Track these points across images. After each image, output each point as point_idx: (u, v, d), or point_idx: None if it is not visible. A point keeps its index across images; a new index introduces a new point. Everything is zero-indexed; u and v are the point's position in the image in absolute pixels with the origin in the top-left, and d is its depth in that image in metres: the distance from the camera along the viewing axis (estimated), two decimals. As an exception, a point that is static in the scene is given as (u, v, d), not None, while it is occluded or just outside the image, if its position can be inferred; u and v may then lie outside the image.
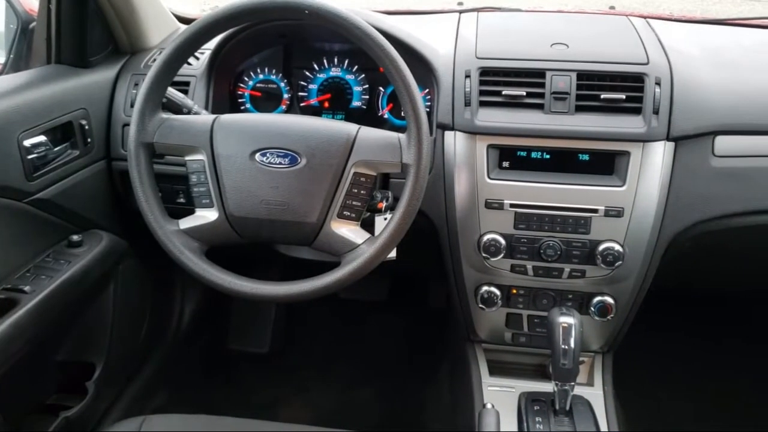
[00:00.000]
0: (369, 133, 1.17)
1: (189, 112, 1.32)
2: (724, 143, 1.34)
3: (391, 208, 1.19)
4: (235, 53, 1.53)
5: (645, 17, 1.61)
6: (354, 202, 1.16)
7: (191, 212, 1.21)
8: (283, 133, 1.16)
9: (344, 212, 1.16)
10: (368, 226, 1.26)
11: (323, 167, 1.14)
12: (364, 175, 1.16)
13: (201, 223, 1.19)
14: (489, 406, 1.21)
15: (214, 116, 1.20)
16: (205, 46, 1.29)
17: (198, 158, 1.18)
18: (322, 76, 1.58)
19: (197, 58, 1.54)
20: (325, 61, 1.58)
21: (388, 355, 2.13)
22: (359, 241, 1.16)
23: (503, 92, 1.35)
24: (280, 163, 1.15)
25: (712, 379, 2.02)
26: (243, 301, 1.94)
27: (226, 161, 1.16)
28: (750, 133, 1.34)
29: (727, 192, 1.34)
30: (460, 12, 1.66)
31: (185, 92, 1.46)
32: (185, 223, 1.19)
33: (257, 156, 1.15)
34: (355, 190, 1.16)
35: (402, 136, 1.15)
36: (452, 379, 1.63)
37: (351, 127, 1.17)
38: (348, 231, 1.17)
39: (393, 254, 1.30)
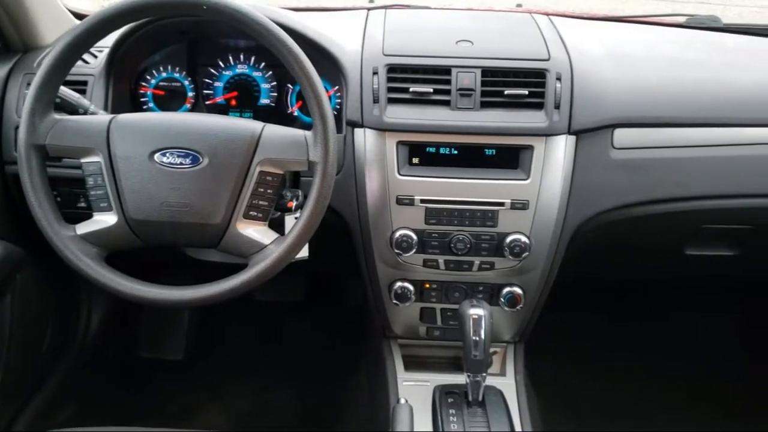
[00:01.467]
0: (274, 131, 1.15)
1: (85, 113, 1.26)
2: (622, 136, 1.39)
3: (302, 207, 1.18)
4: (135, 51, 1.47)
5: (548, 15, 1.65)
6: (260, 202, 1.14)
7: (91, 217, 1.16)
8: (184, 132, 1.13)
9: (250, 212, 1.14)
10: (278, 226, 1.25)
11: (226, 166, 1.12)
12: (270, 173, 1.14)
13: (99, 228, 1.14)
14: (403, 401, 1.22)
15: (111, 116, 1.16)
16: (103, 43, 1.24)
17: (94, 160, 1.13)
18: (228, 73, 1.55)
19: (95, 56, 1.47)
20: (231, 57, 1.54)
21: (305, 355, 2.11)
22: (267, 241, 1.14)
23: (410, 89, 1.36)
24: (180, 164, 1.11)
25: (621, 363, 2.11)
26: (155, 308, 1.88)
27: (124, 163, 1.12)
28: (646, 126, 1.40)
29: (626, 183, 1.40)
30: (369, 9, 1.66)
31: (82, 92, 1.39)
32: (82, 228, 1.14)
33: (156, 156, 1.12)
34: (261, 190, 1.14)
35: (308, 133, 1.14)
36: (369, 377, 1.63)
37: (255, 125, 1.15)
38: (255, 231, 1.15)
39: (305, 253, 1.29)
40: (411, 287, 1.46)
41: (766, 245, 1.59)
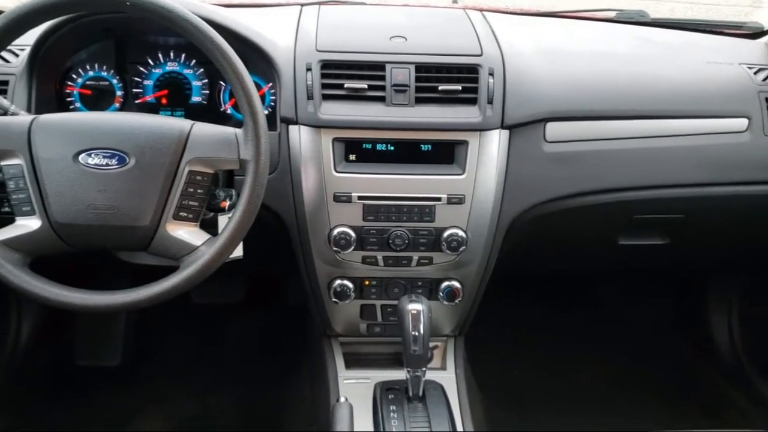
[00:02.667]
0: (204, 129, 1.13)
1: (5, 113, 1.21)
2: (554, 130, 1.42)
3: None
4: (58, 49, 1.42)
5: (482, 11, 1.67)
6: (191, 203, 1.12)
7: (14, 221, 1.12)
8: (110, 132, 1.09)
9: (180, 213, 1.12)
10: (212, 226, 1.23)
11: (154, 167, 1.09)
12: (201, 173, 1.12)
13: (22, 233, 1.10)
14: (342, 399, 1.22)
15: (33, 117, 1.11)
16: (25, 41, 1.19)
17: (15, 163, 1.09)
18: (158, 71, 1.51)
19: (16, 55, 1.41)
20: (160, 55, 1.50)
21: (247, 357, 2.08)
22: (198, 242, 1.12)
23: (345, 85, 1.35)
24: (107, 165, 1.08)
25: (562, 353, 2.15)
26: (89, 313, 1.82)
27: (47, 165, 1.08)
28: (577, 119, 1.43)
29: (559, 175, 1.42)
30: (302, 5, 1.64)
31: (3, 92, 1.34)
32: (4, 233, 1.10)
33: (81, 157, 1.08)
34: (191, 190, 1.12)
35: (239, 131, 1.12)
36: (311, 376, 1.62)
37: (184, 123, 1.13)
38: (186, 233, 1.12)
39: (239, 253, 1.27)
40: (350, 285, 1.45)
41: (695, 234, 1.64)
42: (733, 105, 1.49)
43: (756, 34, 1.80)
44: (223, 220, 1.24)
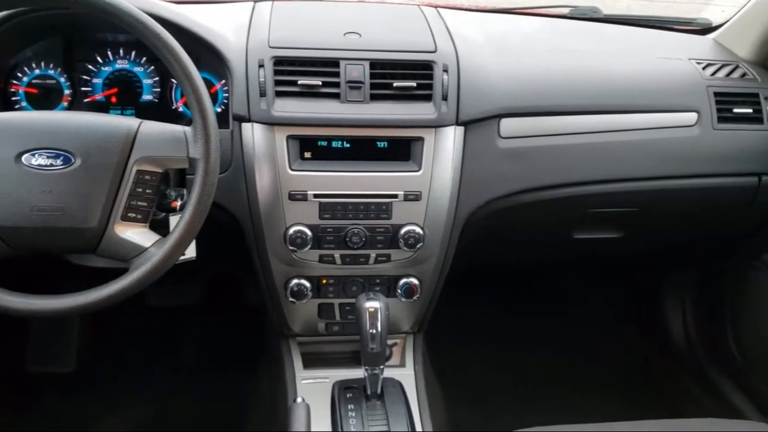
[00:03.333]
0: (152, 128, 1.11)
1: None
2: (508, 125, 1.43)
3: None
4: (2, 46, 1.37)
5: (436, 6, 1.67)
6: (139, 203, 1.10)
7: None
8: (54, 132, 1.06)
9: (129, 214, 1.10)
10: (164, 227, 1.20)
11: (101, 167, 1.06)
12: (149, 172, 1.10)
13: None
14: (299, 400, 1.21)
15: None
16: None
17: None
18: (107, 69, 1.47)
19: None
20: (110, 52, 1.47)
21: (205, 359, 2.05)
22: (147, 244, 1.10)
23: (299, 82, 1.33)
24: (51, 165, 1.05)
25: (521, 348, 2.16)
26: (35, 318, 1.78)
27: None
28: (530, 115, 1.44)
29: (513, 171, 1.43)
30: (256, 1, 1.62)
31: None
32: None
33: (24, 158, 1.05)
34: (140, 190, 1.09)
35: (188, 129, 1.11)
36: (270, 377, 1.61)
37: (131, 122, 1.10)
38: (134, 234, 1.10)
39: (192, 254, 1.25)
40: (307, 284, 1.44)
41: (648, 227, 1.67)
42: (682, 99, 1.52)
43: (705, 30, 1.83)
44: (174, 221, 1.21)
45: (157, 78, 1.48)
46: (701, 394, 1.94)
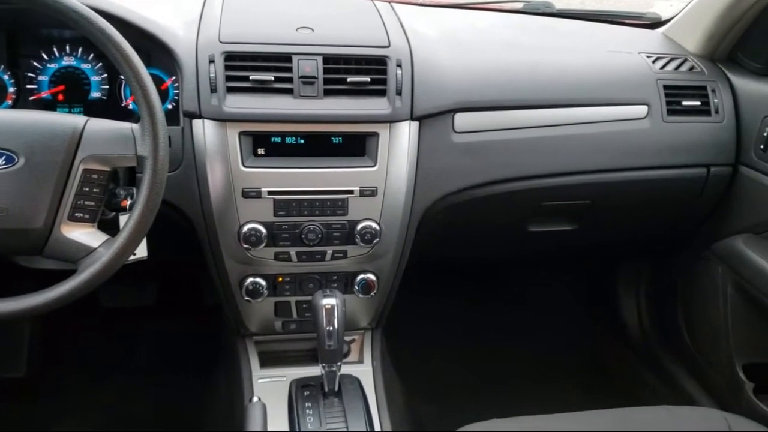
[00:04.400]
0: (98, 125, 1.08)
1: None
2: (462, 120, 1.43)
3: None
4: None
5: (390, 1, 1.66)
6: (87, 203, 1.07)
7: None
8: None
9: (76, 214, 1.07)
10: (115, 227, 1.17)
11: (46, 166, 1.03)
12: (96, 171, 1.07)
13: None
14: (255, 399, 1.19)
15: None
16: None
17: None
18: (53, 66, 1.43)
19: None
20: (56, 49, 1.42)
21: (162, 360, 2.02)
22: (95, 244, 1.07)
23: (251, 77, 1.31)
24: None
25: (482, 342, 2.18)
26: None
27: None
28: (484, 110, 1.44)
29: (468, 165, 1.43)
30: (207, -5, 1.60)
31: None
32: None
33: None
34: (87, 189, 1.07)
35: (136, 126, 1.08)
36: (227, 377, 1.59)
37: (77, 120, 1.07)
38: (82, 234, 1.07)
39: (143, 254, 1.22)
40: (263, 282, 1.42)
41: (601, 219, 1.70)
42: (633, 93, 1.54)
43: (654, 24, 1.87)
44: (124, 220, 1.19)
45: (105, 75, 1.45)
46: (656, 383, 1.98)
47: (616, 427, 1.15)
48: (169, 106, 1.44)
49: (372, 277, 1.46)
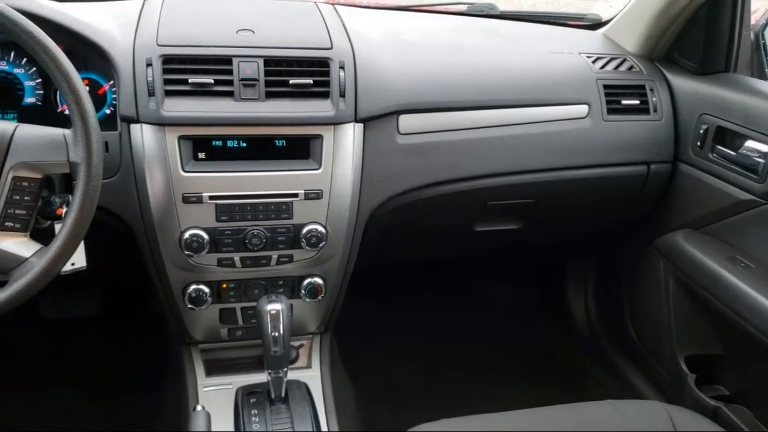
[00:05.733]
0: (29, 131, 1.05)
1: None
2: (406, 122, 1.43)
3: None
4: None
5: (333, 3, 1.65)
6: (17, 211, 1.03)
7: None
8: None
9: (6, 223, 1.03)
10: (50, 236, 1.14)
11: None
12: (27, 179, 1.03)
13: None
14: (199, 408, 1.17)
15: None
16: None
17: None
18: None
19: None
20: None
21: (107, 371, 1.96)
22: (27, 254, 1.03)
23: (190, 80, 1.29)
24: None
25: (432, 342, 2.18)
26: None
27: None
28: (428, 111, 1.44)
29: (413, 167, 1.44)
30: (144, -2, 1.56)
31: None
32: None
33: None
34: (17, 197, 1.03)
35: (68, 132, 1.05)
36: (174, 387, 1.55)
37: (6, 126, 1.04)
38: (13, 244, 1.03)
39: (82, 263, 1.19)
40: (207, 289, 1.39)
41: (545, 217, 1.72)
42: (574, 92, 1.56)
43: (595, 25, 1.90)
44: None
45: (40, 80, 1.40)
46: (605, 377, 2.01)
47: (562, 423, 1.16)
48: (107, 111, 1.40)
49: (319, 280, 1.44)
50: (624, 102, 1.59)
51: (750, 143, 1.43)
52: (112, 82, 1.38)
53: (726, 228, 1.52)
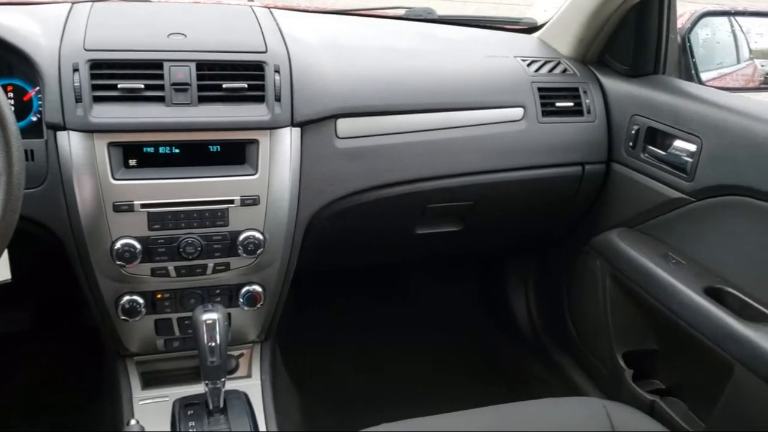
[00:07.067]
0: None
1: None
2: (344, 126, 1.42)
3: None
4: None
5: (269, 7, 1.63)
6: None
7: None
8: None
9: None
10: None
11: None
12: None
13: None
14: (133, 422, 1.13)
15: None
16: None
17: None
18: None
19: None
20: None
21: (40, 387, 1.89)
22: None
23: (119, 86, 1.25)
24: None
25: (377, 346, 2.18)
26: None
27: None
28: (365, 115, 1.44)
29: (352, 171, 1.43)
30: (73, 2, 1.51)
31: None
32: None
33: None
34: None
35: None
36: (110, 401, 1.50)
37: None
38: None
39: (5, 276, 1.15)
40: (141, 300, 1.36)
41: (484, 219, 1.74)
42: (509, 95, 1.58)
43: (531, 29, 1.93)
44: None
45: None
46: (547, 375, 2.04)
47: (501, 423, 1.17)
48: (33, 118, 1.34)
49: (258, 288, 1.42)
50: (558, 104, 1.62)
51: (679, 143, 1.47)
52: (38, 88, 1.33)
53: (658, 226, 1.56)
